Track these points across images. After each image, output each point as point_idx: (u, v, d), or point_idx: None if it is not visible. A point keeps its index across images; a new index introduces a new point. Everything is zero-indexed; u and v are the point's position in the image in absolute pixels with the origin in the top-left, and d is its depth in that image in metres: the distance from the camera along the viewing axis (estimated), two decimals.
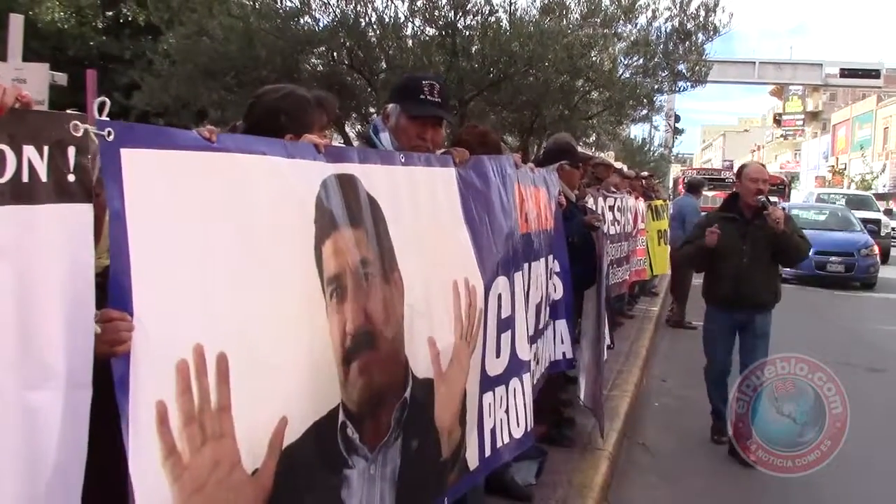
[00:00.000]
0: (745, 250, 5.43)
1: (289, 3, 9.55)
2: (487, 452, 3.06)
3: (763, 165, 6.09)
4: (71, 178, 1.44)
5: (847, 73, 42.88)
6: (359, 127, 12.19)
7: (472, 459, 2.93)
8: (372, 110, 10.49)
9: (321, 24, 9.79)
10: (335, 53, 9.89)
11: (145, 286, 1.53)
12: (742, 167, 5.88)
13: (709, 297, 5.78)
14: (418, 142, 3.00)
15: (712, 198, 21.24)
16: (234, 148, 1.80)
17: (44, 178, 1.38)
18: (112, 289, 1.50)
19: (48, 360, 1.41)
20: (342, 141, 9.64)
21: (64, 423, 1.43)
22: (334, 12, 9.47)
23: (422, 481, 2.55)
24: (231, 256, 1.74)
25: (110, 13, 16.28)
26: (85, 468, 1.49)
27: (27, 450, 1.40)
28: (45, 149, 1.39)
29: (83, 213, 1.46)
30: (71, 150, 1.43)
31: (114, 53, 14.86)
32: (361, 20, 9.29)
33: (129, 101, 10.23)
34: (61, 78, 10.04)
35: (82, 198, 1.46)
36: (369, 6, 9.34)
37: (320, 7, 9.59)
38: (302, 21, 9.61)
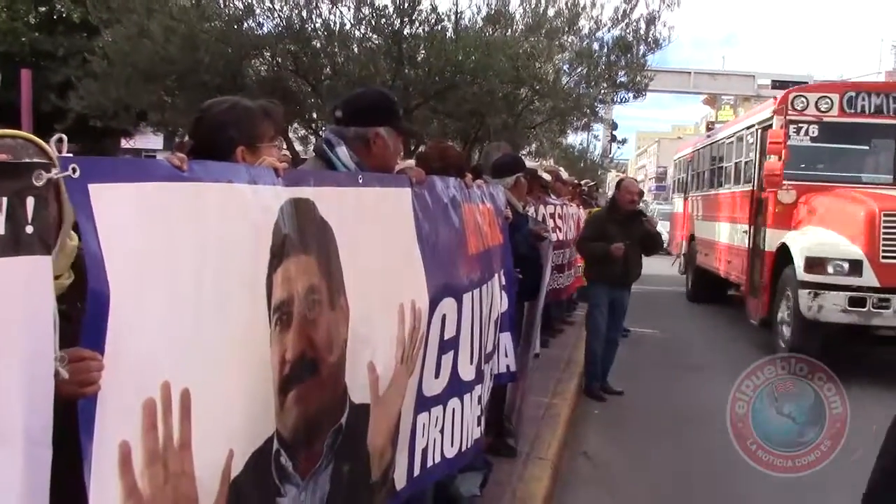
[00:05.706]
0: (628, 243, 7.05)
1: (234, 4, 9.42)
2: (416, 472, 3.02)
3: (636, 181, 8.77)
4: (29, 229, 1.35)
5: (778, 84, 43.94)
6: (302, 132, 12.11)
7: (400, 480, 2.89)
8: (315, 116, 10.43)
9: (265, 29, 9.70)
10: (280, 59, 9.80)
11: (119, 323, 1.47)
12: (620, 181, 8.03)
13: (601, 277, 7.33)
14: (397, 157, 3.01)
15: None
16: (203, 176, 1.75)
17: (1, 230, 1.30)
18: (86, 326, 1.43)
19: (3, 417, 1.33)
20: (286, 147, 9.54)
21: (22, 483, 1.36)
22: (279, 17, 9.39)
23: None
24: (195, 288, 1.71)
25: (43, 9, 15.84)
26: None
27: None
28: (4, 201, 1.31)
29: (42, 264, 1.38)
30: (30, 201, 1.35)
31: (47, 50, 14.45)
32: (307, 26, 9.24)
33: (64, 102, 9.87)
34: None
35: (41, 250, 1.38)
36: (315, 12, 9.29)
37: (265, 12, 9.49)
38: (246, 25, 9.49)
